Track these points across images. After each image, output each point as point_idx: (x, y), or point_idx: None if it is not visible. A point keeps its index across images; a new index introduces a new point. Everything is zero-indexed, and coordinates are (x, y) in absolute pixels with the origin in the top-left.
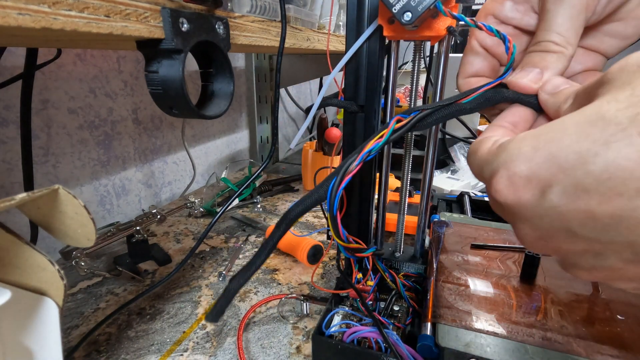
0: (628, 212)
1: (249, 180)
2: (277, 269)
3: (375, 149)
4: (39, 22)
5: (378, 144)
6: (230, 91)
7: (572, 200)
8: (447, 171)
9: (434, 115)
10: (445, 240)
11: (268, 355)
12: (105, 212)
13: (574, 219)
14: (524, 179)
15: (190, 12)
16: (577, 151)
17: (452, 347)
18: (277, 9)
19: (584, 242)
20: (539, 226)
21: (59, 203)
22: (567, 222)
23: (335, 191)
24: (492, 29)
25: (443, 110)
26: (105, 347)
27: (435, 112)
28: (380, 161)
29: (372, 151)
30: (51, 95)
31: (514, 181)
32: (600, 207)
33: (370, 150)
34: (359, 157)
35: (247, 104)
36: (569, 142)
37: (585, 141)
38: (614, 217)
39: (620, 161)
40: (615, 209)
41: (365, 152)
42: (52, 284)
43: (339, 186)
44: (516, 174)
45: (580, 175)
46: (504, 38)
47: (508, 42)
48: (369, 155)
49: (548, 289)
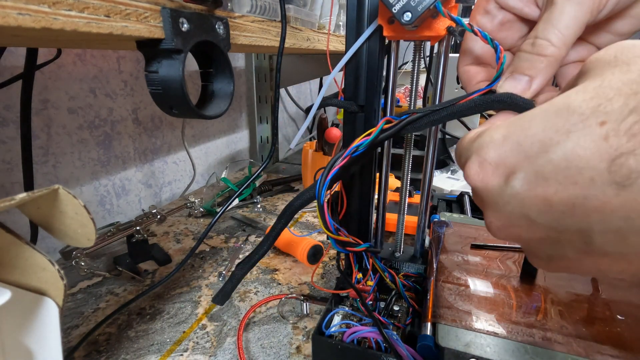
0: (580, 199)
1: (249, 180)
2: (277, 269)
3: (362, 145)
4: (39, 22)
5: (365, 140)
6: (230, 91)
7: (532, 188)
8: (447, 171)
9: (423, 120)
10: (445, 240)
11: (268, 355)
12: (105, 212)
13: (533, 205)
14: (492, 165)
15: (190, 12)
16: (541, 140)
17: (452, 347)
18: (277, 9)
19: (541, 230)
20: (503, 213)
21: (59, 203)
22: (526, 209)
23: (323, 180)
24: (486, 37)
25: (433, 114)
26: (105, 347)
27: (425, 117)
28: (380, 161)
29: (360, 147)
30: (51, 95)
31: (483, 167)
32: (556, 195)
33: (357, 146)
34: (347, 151)
35: (247, 104)
36: (535, 131)
37: (549, 130)
38: (568, 204)
39: (578, 150)
40: (570, 197)
41: (353, 147)
42: (52, 284)
43: (326, 176)
44: (486, 160)
45: (541, 163)
46: (497, 47)
47: (500, 52)
48: (356, 150)
49: (548, 289)
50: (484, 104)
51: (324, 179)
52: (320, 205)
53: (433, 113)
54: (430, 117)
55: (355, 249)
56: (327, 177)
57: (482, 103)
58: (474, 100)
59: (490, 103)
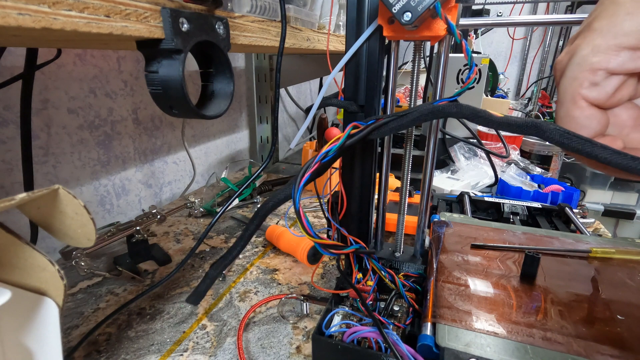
0: None
1: (249, 180)
2: (277, 269)
3: (332, 150)
4: (39, 22)
5: (334, 146)
6: (230, 91)
7: None
8: (447, 171)
9: (389, 125)
10: (445, 240)
11: (268, 355)
12: (105, 212)
13: None
14: None
15: (190, 12)
16: None
17: (452, 347)
18: (277, 9)
19: None
20: None
21: (59, 203)
22: None
23: (297, 186)
24: (469, 52)
25: (398, 120)
26: (105, 347)
27: (391, 122)
28: (380, 161)
29: (330, 152)
30: (51, 95)
31: None
32: None
33: (327, 152)
34: (317, 157)
35: (247, 104)
36: None
37: None
38: None
39: None
40: None
41: (323, 153)
42: (52, 284)
43: (299, 183)
44: None
45: None
46: (472, 66)
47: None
48: (325, 156)
49: (548, 289)
50: (445, 111)
51: (297, 185)
52: (296, 210)
53: (398, 119)
54: (396, 122)
55: (341, 251)
56: (299, 183)
57: (443, 109)
58: (436, 107)
59: (449, 113)
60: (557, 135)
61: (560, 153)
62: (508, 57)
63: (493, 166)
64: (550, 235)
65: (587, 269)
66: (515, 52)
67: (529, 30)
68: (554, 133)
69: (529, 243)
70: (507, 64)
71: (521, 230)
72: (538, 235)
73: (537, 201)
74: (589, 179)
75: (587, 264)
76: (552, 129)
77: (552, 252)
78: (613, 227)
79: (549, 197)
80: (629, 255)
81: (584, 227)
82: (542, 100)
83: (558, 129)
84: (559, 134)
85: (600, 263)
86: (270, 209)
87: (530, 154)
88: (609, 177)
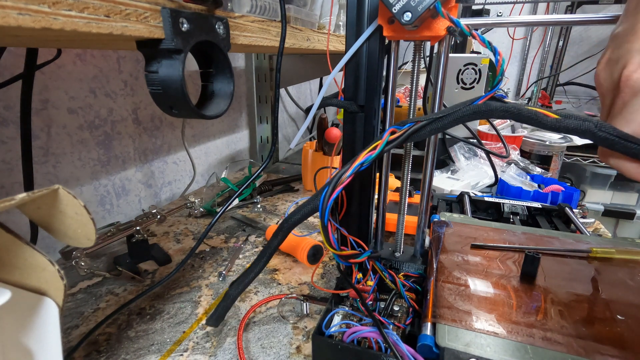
0: None
1: (249, 180)
2: (277, 269)
3: (367, 160)
4: (39, 22)
5: (370, 156)
6: (230, 91)
7: None
8: (447, 171)
9: (427, 127)
10: (445, 240)
11: (268, 355)
12: (105, 212)
13: None
14: None
15: (190, 12)
16: None
17: (452, 347)
18: (277, 9)
19: None
20: None
21: (59, 203)
22: None
23: (326, 201)
24: (484, 40)
25: (436, 122)
26: (105, 347)
27: (429, 124)
28: (380, 161)
29: (365, 163)
30: (51, 95)
31: None
32: None
33: (362, 162)
34: (351, 168)
35: (247, 104)
36: None
37: None
38: None
39: None
40: None
41: (358, 164)
42: (52, 284)
43: (329, 197)
44: None
45: None
46: (495, 50)
47: (498, 55)
48: (361, 167)
49: (548, 289)
50: (487, 111)
51: (327, 199)
52: (324, 226)
53: (436, 121)
54: (434, 124)
55: (357, 260)
56: (330, 197)
57: (486, 110)
58: (477, 106)
59: (494, 111)
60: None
61: (560, 153)
62: (508, 57)
63: (493, 166)
64: (550, 235)
65: (587, 269)
66: (515, 52)
67: (529, 30)
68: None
69: (529, 243)
70: (507, 64)
71: (521, 230)
72: (538, 235)
73: (537, 201)
74: (589, 179)
75: (587, 264)
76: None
77: (552, 252)
78: (613, 227)
79: (549, 197)
80: (629, 255)
81: (584, 227)
82: (542, 100)
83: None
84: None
85: (600, 263)
86: (294, 224)
87: (530, 154)
88: (609, 177)
